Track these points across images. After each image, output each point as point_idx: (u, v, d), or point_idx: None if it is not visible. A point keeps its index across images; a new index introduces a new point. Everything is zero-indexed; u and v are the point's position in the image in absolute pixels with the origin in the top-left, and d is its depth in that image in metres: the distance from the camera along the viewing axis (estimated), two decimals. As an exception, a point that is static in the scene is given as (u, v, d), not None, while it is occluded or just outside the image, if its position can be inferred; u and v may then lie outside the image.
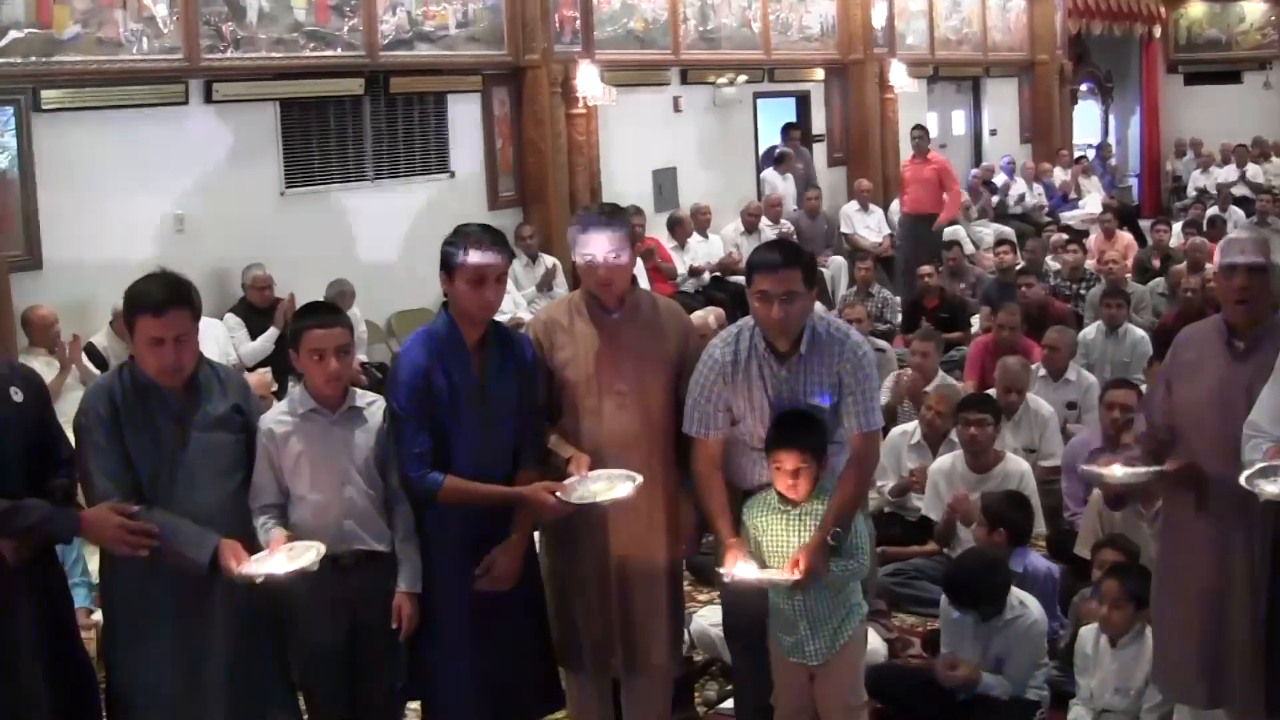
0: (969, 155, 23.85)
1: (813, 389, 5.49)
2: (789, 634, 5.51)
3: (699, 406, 5.53)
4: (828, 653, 5.49)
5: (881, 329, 13.67)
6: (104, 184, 11.18)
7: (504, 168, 15.05)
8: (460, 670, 5.40)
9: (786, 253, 5.49)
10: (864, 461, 5.59)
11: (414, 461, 5.27)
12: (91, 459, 5.06)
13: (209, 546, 4.95)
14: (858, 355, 5.50)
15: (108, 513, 4.94)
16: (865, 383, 5.51)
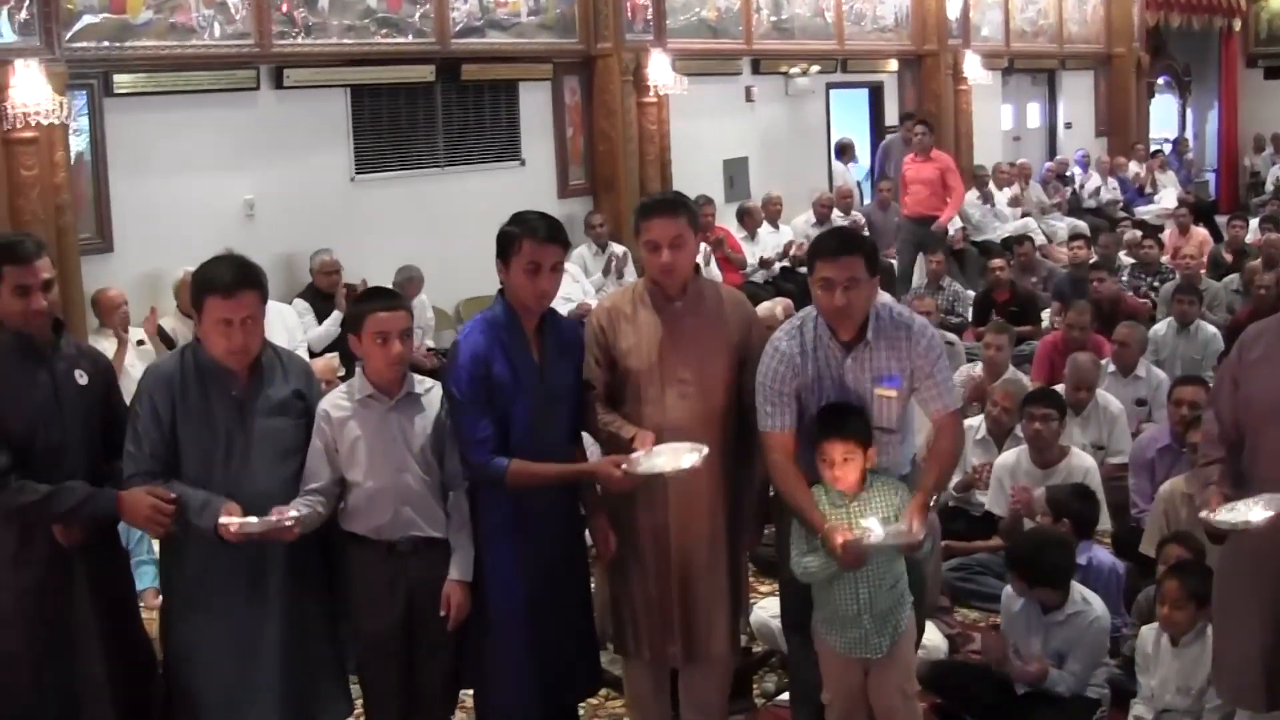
0: (1043, 149, 23.68)
1: (880, 375, 5.46)
2: (850, 629, 5.46)
3: (770, 400, 5.48)
4: (891, 644, 5.45)
5: (953, 322, 13.58)
6: (175, 169, 11.28)
7: (574, 156, 15.08)
8: (513, 658, 5.41)
9: (848, 239, 5.48)
10: (953, 438, 5.61)
11: (478, 448, 5.28)
12: (128, 441, 5.12)
13: (212, 514, 4.97)
14: (926, 338, 5.49)
15: (143, 494, 4.99)
16: (938, 363, 5.50)
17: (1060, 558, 6.44)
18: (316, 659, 5.29)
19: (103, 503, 5.06)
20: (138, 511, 5.02)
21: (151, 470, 5.05)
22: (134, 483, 5.04)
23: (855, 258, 5.34)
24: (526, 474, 5.32)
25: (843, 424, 5.36)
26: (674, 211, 5.57)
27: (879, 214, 17.65)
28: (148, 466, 5.05)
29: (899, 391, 5.48)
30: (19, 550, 5.07)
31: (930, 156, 16.12)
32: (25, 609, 5.09)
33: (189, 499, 5.02)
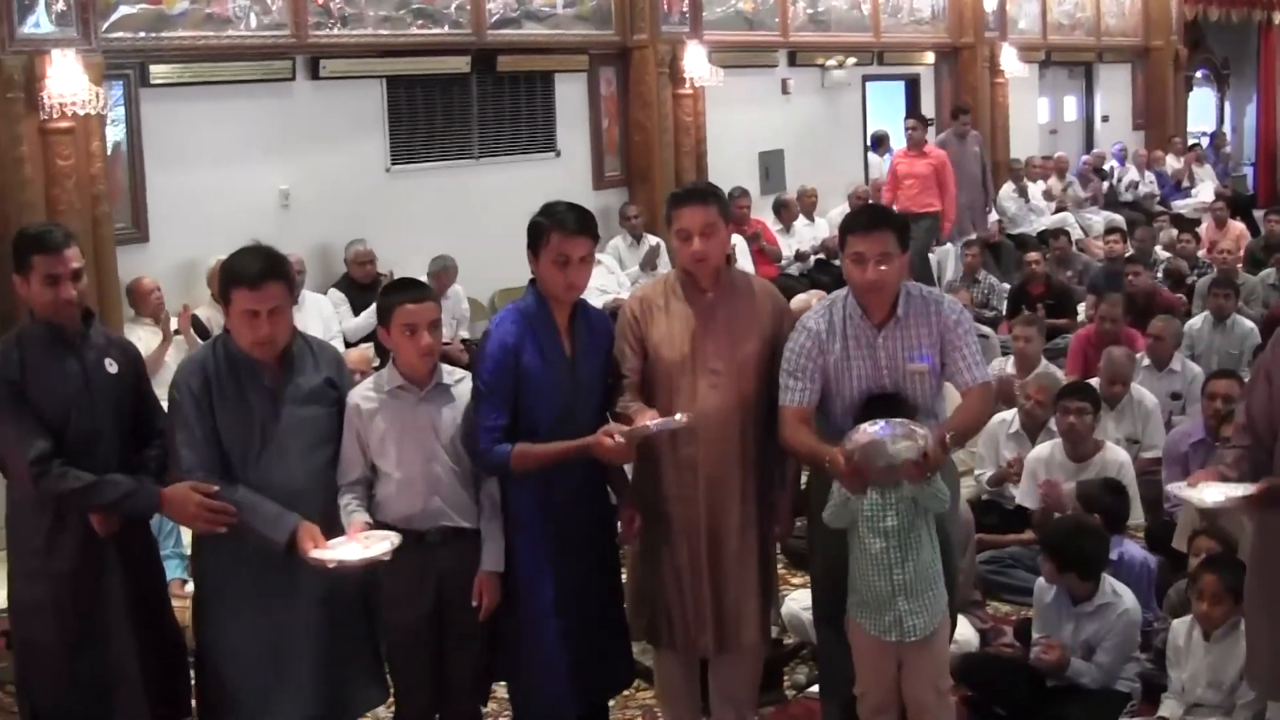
0: (1080, 142, 23.59)
1: (912, 352, 5.47)
2: (886, 612, 5.43)
3: (792, 375, 5.51)
4: (928, 628, 5.43)
5: (987, 315, 13.56)
6: (210, 159, 11.33)
7: (610, 148, 15.08)
8: (546, 649, 5.40)
9: (879, 214, 5.52)
10: (984, 406, 5.65)
11: (485, 435, 5.26)
12: (178, 432, 5.11)
13: (287, 528, 4.98)
14: (956, 313, 5.53)
15: (188, 491, 4.99)
16: (966, 337, 5.52)
17: (1093, 546, 6.44)
18: (350, 647, 5.30)
19: (145, 499, 5.09)
20: (185, 509, 5.03)
21: (210, 458, 5.05)
22: (194, 475, 5.04)
23: (887, 232, 5.37)
24: (529, 456, 5.29)
25: (887, 411, 5.32)
26: (705, 201, 5.57)
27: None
28: (206, 452, 5.05)
29: (930, 367, 5.49)
30: (51, 539, 5.11)
31: (924, 152, 15.91)
32: (58, 597, 5.12)
33: (259, 507, 5.02)
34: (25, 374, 5.04)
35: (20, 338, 5.13)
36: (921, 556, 5.38)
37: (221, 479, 5.05)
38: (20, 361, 5.05)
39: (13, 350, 5.08)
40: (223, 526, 5.01)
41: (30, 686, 5.21)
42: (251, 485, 5.07)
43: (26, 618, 5.22)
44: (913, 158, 15.92)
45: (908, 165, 15.92)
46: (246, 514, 5.01)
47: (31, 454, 4.95)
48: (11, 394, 5.01)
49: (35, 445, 4.97)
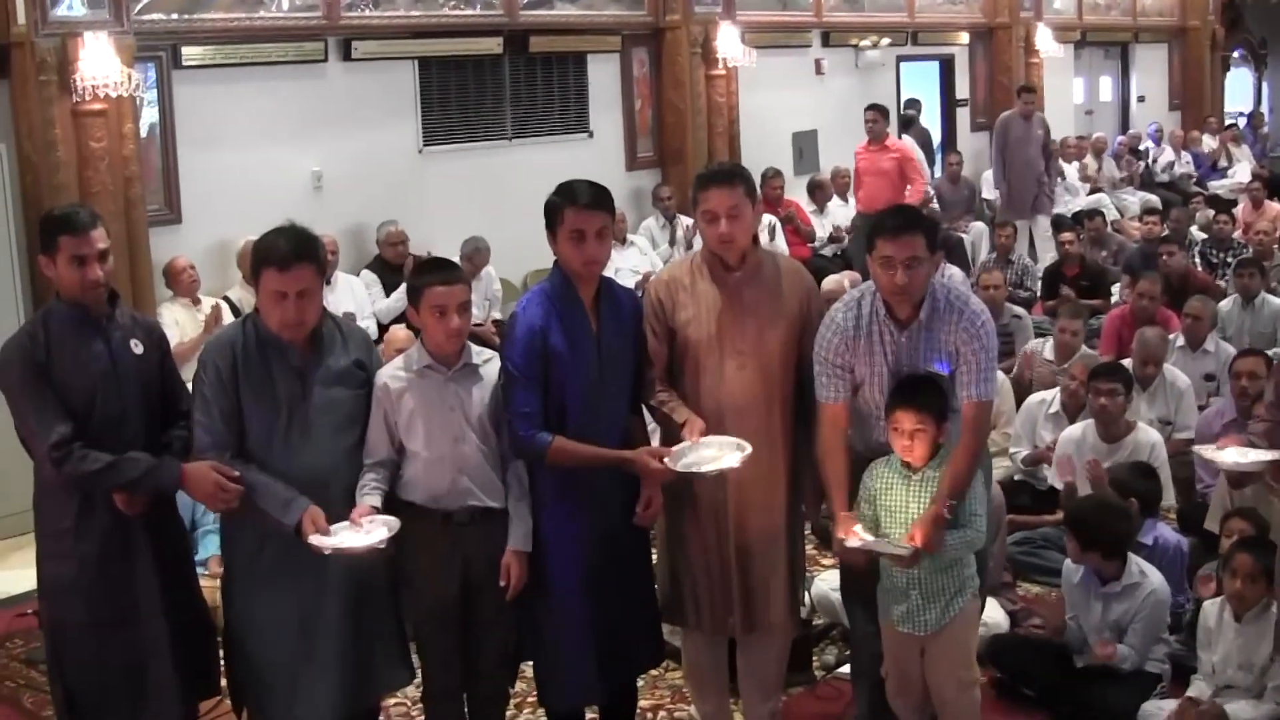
0: (1116, 122, 23.49)
1: (931, 356, 5.42)
2: (900, 603, 5.46)
3: (825, 371, 5.48)
4: (939, 623, 5.42)
5: (1021, 296, 13.50)
6: (242, 140, 11.35)
7: (642, 128, 15.08)
8: (573, 629, 5.40)
9: (909, 217, 5.42)
10: (976, 432, 5.45)
11: (523, 421, 5.26)
12: (196, 410, 5.12)
13: (295, 513, 4.99)
14: (975, 325, 5.39)
15: (208, 469, 5.00)
16: (980, 352, 5.39)
17: (1118, 526, 6.42)
18: (377, 627, 5.30)
19: (167, 475, 5.08)
20: (202, 487, 5.03)
21: (224, 438, 5.06)
22: (208, 455, 5.05)
23: (915, 236, 5.30)
24: (568, 453, 5.30)
25: (915, 395, 5.34)
26: (731, 181, 5.54)
27: (949, 187, 17.57)
28: (221, 432, 5.06)
29: (947, 375, 5.44)
30: (80, 520, 5.12)
31: (885, 145, 14.66)
32: (87, 577, 5.14)
33: (271, 491, 5.03)
34: (51, 355, 5.05)
35: (46, 319, 5.14)
36: (941, 560, 5.35)
37: (234, 459, 5.06)
38: (46, 343, 5.06)
39: (39, 331, 5.10)
40: (233, 504, 5.03)
41: (62, 666, 5.22)
42: (278, 466, 5.08)
43: (57, 598, 5.24)
44: (874, 153, 14.71)
45: (869, 161, 14.77)
46: (258, 496, 5.02)
47: (52, 438, 4.97)
48: (36, 376, 5.02)
49: (55, 430, 4.98)
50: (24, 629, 7.74)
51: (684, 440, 5.36)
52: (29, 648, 7.56)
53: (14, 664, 7.46)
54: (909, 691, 5.63)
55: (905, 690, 5.64)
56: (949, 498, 5.28)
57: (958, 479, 5.33)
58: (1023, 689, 6.45)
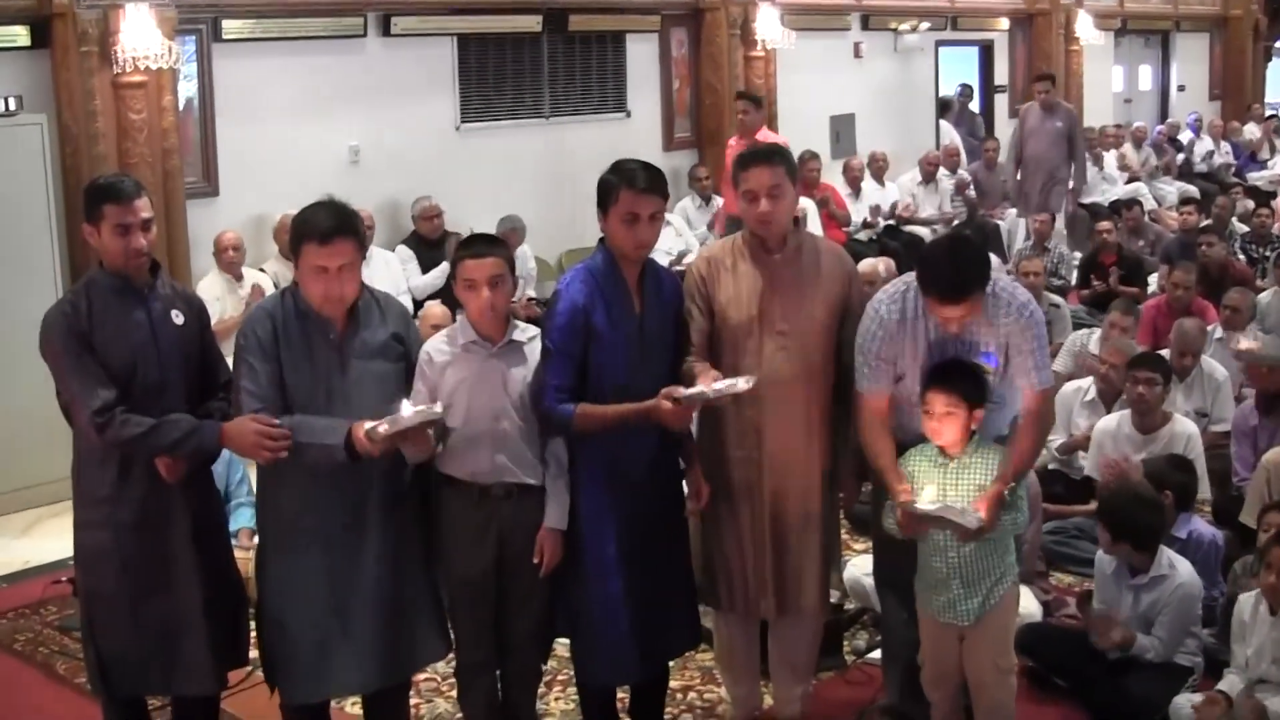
0: (1155, 111, 23.38)
1: (978, 350, 5.40)
2: (941, 593, 5.44)
3: (867, 362, 5.45)
4: (980, 612, 5.41)
5: (1055, 284, 13.45)
6: (281, 114, 11.38)
7: (680, 109, 15.07)
8: (608, 608, 5.40)
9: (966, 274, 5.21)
10: (1040, 418, 5.48)
11: (550, 393, 5.25)
12: (242, 376, 5.10)
13: (341, 431, 4.94)
14: (1025, 315, 5.34)
15: (247, 421, 4.99)
16: (1034, 341, 5.35)
17: (1149, 518, 6.39)
18: (412, 600, 5.31)
19: (207, 435, 5.08)
20: (244, 439, 5.01)
21: (273, 400, 5.04)
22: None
23: (970, 297, 5.20)
24: (591, 417, 5.28)
25: (949, 378, 5.32)
26: (771, 161, 5.53)
27: (985, 174, 17.49)
28: (269, 395, 5.04)
29: (995, 368, 5.41)
30: (117, 489, 5.13)
31: (756, 138, 12.30)
32: (123, 547, 5.15)
33: (309, 424, 5.00)
34: (93, 324, 5.05)
35: (89, 288, 5.14)
36: (982, 548, 5.34)
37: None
38: (88, 311, 5.06)
39: (81, 300, 5.10)
40: (282, 453, 4.99)
41: (95, 634, 5.24)
42: (315, 439, 5.09)
43: (92, 567, 5.25)
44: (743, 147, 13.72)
45: None
46: (301, 433, 4.98)
47: (95, 404, 4.97)
48: (79, 344, 5.02)
49: (98, 396, 4.99)
50: (58, 596, 7.78)
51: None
52: (63, 615, 7.60)
53: (47, 631, 7.49)
54: (946, 682, 5.63)
55: (942, 681, 5.63)
56: (1012, 479, 5.29)
57: (1023, 460, 5.38)
58: (1054, 679, 6.43)
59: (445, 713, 6.35)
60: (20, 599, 7.97)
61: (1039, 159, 15.30)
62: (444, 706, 6.40)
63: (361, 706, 5.77)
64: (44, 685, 6.89)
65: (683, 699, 6.46)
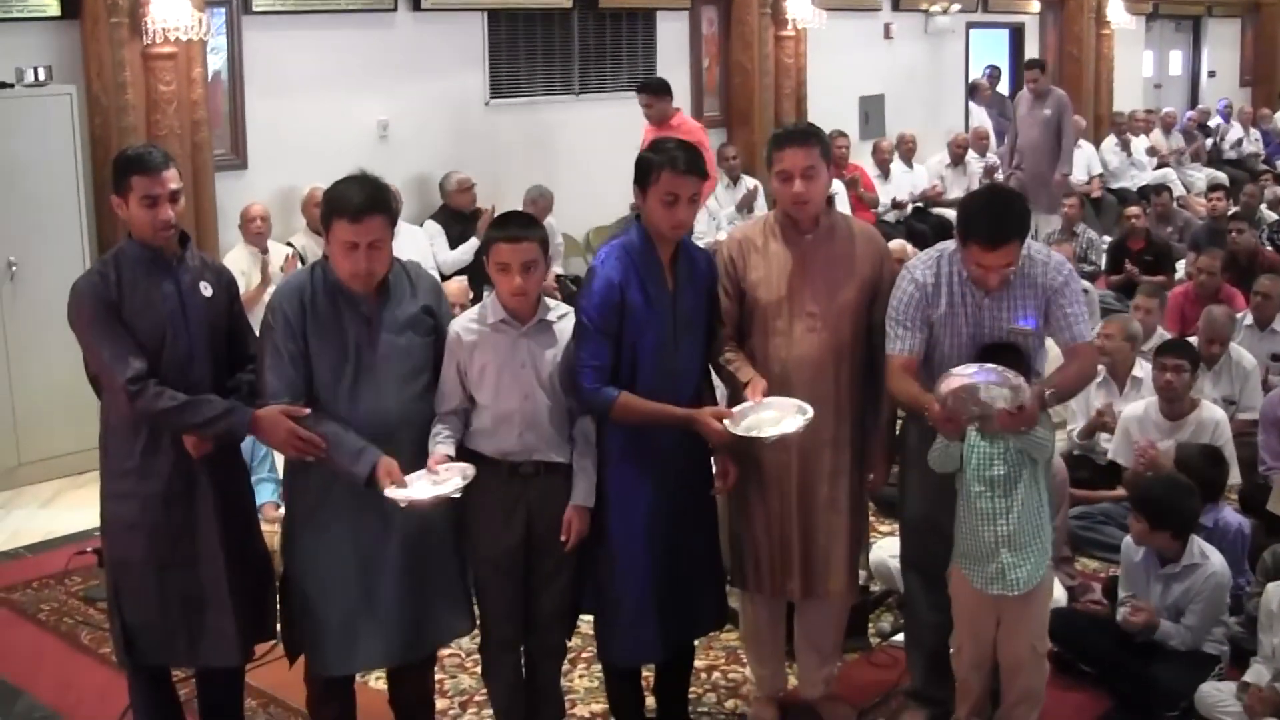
0: (1185, 97, 23.28)
1: (1015, 314, 5.40)
2: (988, 563, 5.40)
3: (900, 324, 5.45)
4: (1030, 581, 5.39)
5: (1085, 270, 13.41)
6: (310, 87, 11.38)
7: (709, 88, 15.05)
8: (636, 587, 5.38)
9: (1004, 227, 5.24)
10: (1086, 361, 5.56)
11: (592, 374, 5.23)
12: (266, 356, 5.10)
13: (368, 464, 4.96)
14: (1062, 274, 5.40)
15: (280, 415, 4.99)
16: (1072, 295, 5.41)
17: (1185, 505, 6.35)
18: (437, 576, 5.30)
19: (238, 420, 5.08)
20: (276, 433, 5.02)
21: (295, 383, 5.04)
22: (280, 399, 5.04)
23: (1011, 244, 5.23)
24: (632, 408, 5.26)
25: (1000, 360, 5.26)
26: (807, 142, 5.50)
27: (1014, 157, 17.42)
28: (291, 377, 5.04)
29: (1034, 329, 5.42)
30: (144, 460, 5.12)
31: (670, 126, 11.82)
32: (150, 516, 5.14)
33: (342, 441, 5.01)
34: (122, 294, 5.04)
35: (118, 258, 5.13)
36: (1027, 507, 5.32)
37: (306, 405, 5.05)
38: (117, 282, 5.05)
39: (110, 271, 5.09)
40: (310, 456, 5.02)
41: (121, 604, 5.24)
42: (344, 414, 5.06)
43: (119, 537, 5.25)
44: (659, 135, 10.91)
45: None
46: (330, 448, 5.01)
47: (128, 373, 4.96)
48: (108, 314, 5.02)
49: (131, 365, 4.98)
50: (82, 567, 7.80)
51: (746, 399, 5.33)
52: (87, 585, 7.62)
53: (72, 601, 7.51)
54: (983, 663, 5.62)
55: (980, 662, 5.63)
56: (1057, 388, 5.35)
57: (1066, 382, 5.45)
58: (1080, 664, 6.41)
59: (469, 688, 6.36)
60: (45, 569, 7.99)
61: (1033, 150, 14.81)
62: (468, 682, 6.41)
63: (386, 680, 5.80)
64: (69, 655, 6.90)
65: (707, 678, 6.45)
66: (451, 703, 6.29)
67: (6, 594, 7.67)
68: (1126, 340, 8.63)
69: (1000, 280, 5.31)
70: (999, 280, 5.30)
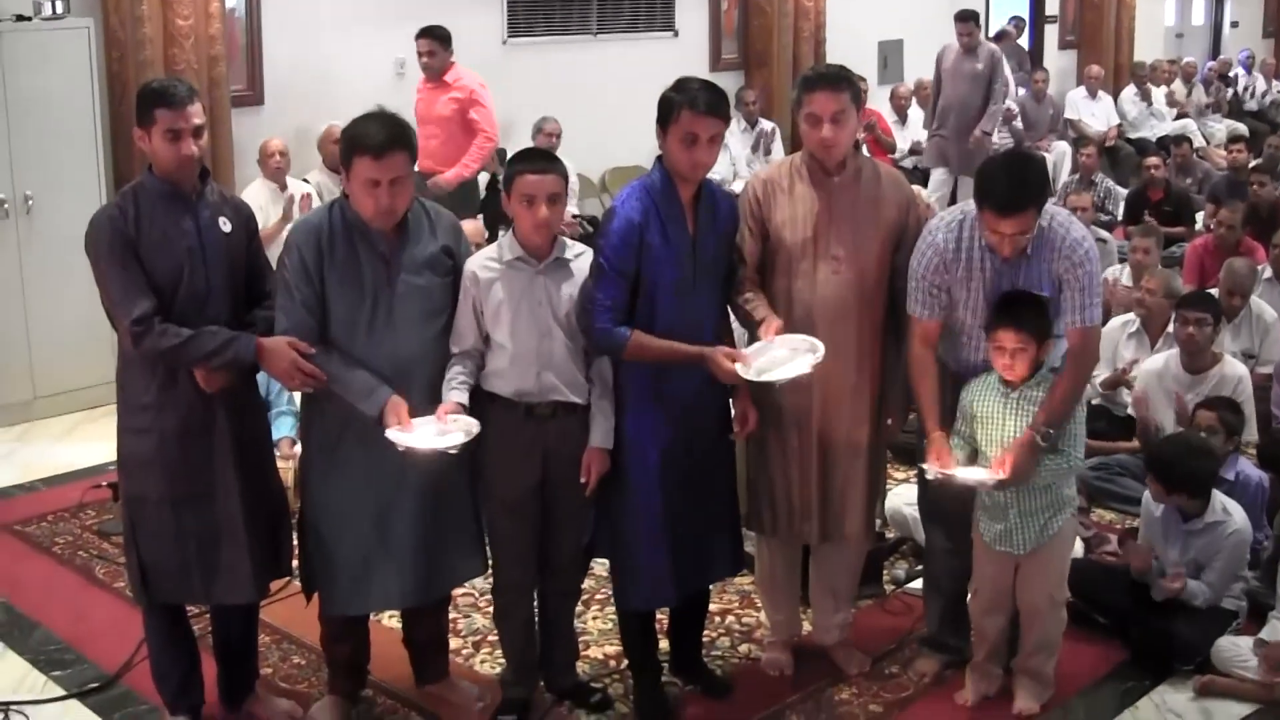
0: (1206, 47, 23.15)
1: (1032, 282, 5.35)
2: (998, 521, 5.43)
3: (920, 289, 5.42)
4: (1035, 543, 5.41)
5: (1103, 220, 13.35)
6: (328, 24, 11.35)
7: (728, 29, 14.98)
8: (651, 531, 5.35)
9: (1019, 191, 5.18)
10: (1081, 358, 5.41)
11: (605, 313, 5.17)
12: (278, 296, 5.10)
13: (377, 404, 4.96)
14: (1078, 252, 5.31)
15: (285, 346, 4.98)
16: (1085, 279, 5.31)
17: (1201, 465, 6.30)
18: (453, 517, 5.30)
19: (243, 347, 5.04)
20: (279, 364, 5.01)
21: (303, 324, 5.02)
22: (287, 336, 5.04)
23: (1027, 212, 5.17)
24: (645, 348, 5.21)
25: (1019, 313, 5.27)
26: (837, 86, 5.43)
27: (1033, 105, 17.34)
28: (300, 318, 5.02)
29: (1050, 299, 5.37)
30: (161, 395, 5.10)
31: (444, 83, 10.82)
32: (166, 452, 5.12)
33: (353, 380, 5.01)
34: (140, 229, 5.01)
35: (137, 192, 5.09)
36: (1041, 477, 5.32)
37: (316, 346, 5.04)
38: (136, 216, 5.02)
39: (129, 205, 5.05)
40: (310, 388, 5.03)
41: (137, 539, 5.23)
42: (362, 353, 5.05)
43: (135, 473, 5.23)
44: (432, 90, 10.91)
45: (424, 104, 10.88)
46: (340, 386, 5.01)
47: (135, 313, 4.93)
48: (124, 249, 4.99)
49: (138, 305, 4.95)
50: (97, 501, 7.80)
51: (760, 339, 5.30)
52: (102, 520, 7.63)
53: (87, 535, 7.51)
54: (999, 610, 5.62)
55: (995, 609, 5.63)
56: (1045, 425, 5.23)
57: (1057, 409, 5.28)
58: (1095, 616, 6.39)
59: (483, 628, 6.35)
60: (59, 502, 7.99)
61: (961, 108, 13.80)
62: (481, 622, 6.40)
63: (400, 620, 5.81)
64: (83, 588, 6.91)
65: (721, 622, 6.44)
66: (465, 642, 6.29)
67: (21, 527, 7.68)
68: (1167, 296, 8.56)
69: (1014, 248, 5.26)
70: (1013, 248, 5.25)
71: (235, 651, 5.63)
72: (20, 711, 5.74)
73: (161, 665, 5.48)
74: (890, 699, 5.83)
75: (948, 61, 13.99)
